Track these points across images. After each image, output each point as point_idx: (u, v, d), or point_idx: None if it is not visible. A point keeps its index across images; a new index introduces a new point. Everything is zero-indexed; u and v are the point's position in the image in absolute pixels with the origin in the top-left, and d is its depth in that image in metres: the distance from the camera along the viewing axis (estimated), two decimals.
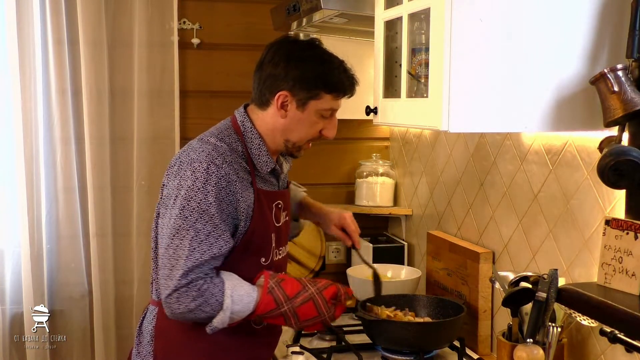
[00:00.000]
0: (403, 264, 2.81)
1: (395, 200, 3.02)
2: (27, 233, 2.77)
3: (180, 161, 1.69)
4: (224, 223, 1.65)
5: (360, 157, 3.10)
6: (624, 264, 1.40)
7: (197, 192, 1.63)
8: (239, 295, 1.65)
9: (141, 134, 2.87)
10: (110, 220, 2.87)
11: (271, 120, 1.77)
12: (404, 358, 2.02)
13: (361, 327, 2.16)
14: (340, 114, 2.89)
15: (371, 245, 2.84)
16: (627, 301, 1.35)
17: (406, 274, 2.57)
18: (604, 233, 1.47)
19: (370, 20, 1.98)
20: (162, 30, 2.86)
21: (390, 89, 1.93)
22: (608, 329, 1.50)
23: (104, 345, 2.88)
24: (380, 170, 3.00)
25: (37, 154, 2.79)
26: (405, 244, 2.88)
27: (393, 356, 2.03)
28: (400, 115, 1.83)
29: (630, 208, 1.49)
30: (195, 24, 2.94)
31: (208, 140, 1.72)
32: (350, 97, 1.81)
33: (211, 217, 1.63)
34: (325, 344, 2.18)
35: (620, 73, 1.42)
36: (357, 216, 3.04)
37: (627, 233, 1.41)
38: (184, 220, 1.63)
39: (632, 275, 1.38)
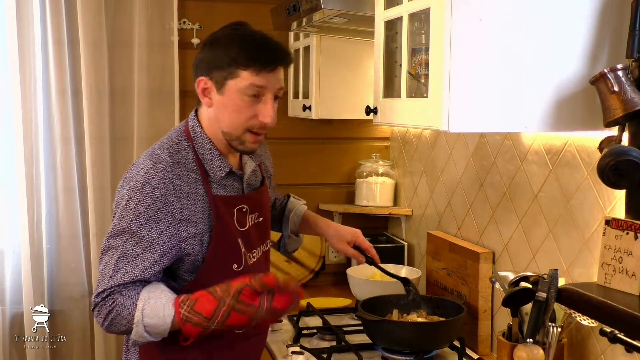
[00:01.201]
0: (403, 264, 2.81)
1: (395, 200, 3.02)
2: (27, 233, 2.77)
3: (124, 178, 1.65)
4: (157, 245, 1.58)
5: (360, 157, 3.10)
6: (624, 264, 1.40)
7: (129, 212, 1.59)
8: (152, 309, 1.55)
9: (141, 134, 2.86)
10: (110, 221, 2.86)
11: (206, 115, 1.68)
12: (404, 358, 2.02)
13: (361, 327, 2.16)
14: (341, 114, 2.90)
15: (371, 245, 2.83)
16: (627, 301, 1.35)
17: (406, 274, 2.57)
18: (604, 233, 1.47)
19: (370, 20, 1.98)
20: (162, 30, 2.86)
21: (390, 89, 1.93)
22: (608, 329, 1.50)
23: (104, 345, 2.88)
24: (380, 170, 3.00)
25: (37, 154, 2.79)
26: (405, 244, 2.88)
27: (393, 356, 2.03)
28: (400, 115, 1.83)
29: (630, 208, 1.49)
30: (195, 24, 2.94)
31: (154, 152, 1.64)
32: (272, 70, 1.62)
33: (141, 239, 1.58)
34: (325, 344, 2.18)
35: (620, 73, 1.42)
36: (357, 216, 3.06)
37: (627, 233, 1.41)
38: (115, 239, 1.60)
39: (632, 275, 1.38)
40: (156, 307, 1.55)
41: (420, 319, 2.13)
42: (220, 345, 1.73)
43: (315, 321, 2.41)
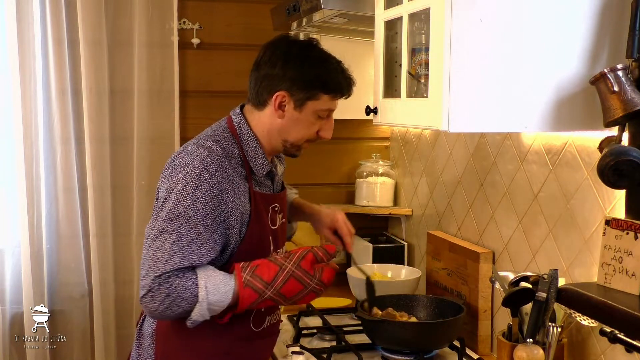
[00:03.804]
0: (403, 264, 2.81)
1: (395, 200, 3.02)
2: (27, 233, 2.77)
3: (174, 164, 1.68)
4: (210, 232, 1.63)
5: (360, 157, 3.10)
6: (624, 264, 1.40)
7: (185, 197, 1.61)
8: (214, 285, 1.61)
9: (141, 134, 2.87)
10: (110, 220, 2.87)
11: (268, 121, 1.76)
12: (404, 358, 2.02)
13: (361, 327, 2.16)
14: (340, 114, 2.88)
15: (371, 245, 2.84)
16: (627, 301, 1.35)
17: (406, 274, 2.57)
18: (604, 233, 1.47)
19: (370, 20, 1.98)
20: (162, 30, 2.86)
21: (390, 89, 1.93)
22: (608, 329, 1.50)
23: (104, 345, 2.88)
24: (380, 170, 3.00)
25: (37, 154, 2.79)
26: (405, 244, 2.88)
27: (393, 356, 2.03)
28: (400, 115, 1.83)
29: (630, 208, 1.49)
30: (195, 24, 2.94)
31: (204, 143, 1.69)
32: (347, 97, 1.80)
33: (196, 225, 1.61)
34: (325, 344, 2.18)
35: (620, 73, 1.42)
36: (357, 216, 3.05)
37: (627, 233, 1.41)
38: (169, 223, 1.61)
39: (632, 275, 1.38)
40: (217, 284, 1.62)
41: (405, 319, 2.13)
42: (236, 343, 1.76)
43: (315, 321, 2.41)
